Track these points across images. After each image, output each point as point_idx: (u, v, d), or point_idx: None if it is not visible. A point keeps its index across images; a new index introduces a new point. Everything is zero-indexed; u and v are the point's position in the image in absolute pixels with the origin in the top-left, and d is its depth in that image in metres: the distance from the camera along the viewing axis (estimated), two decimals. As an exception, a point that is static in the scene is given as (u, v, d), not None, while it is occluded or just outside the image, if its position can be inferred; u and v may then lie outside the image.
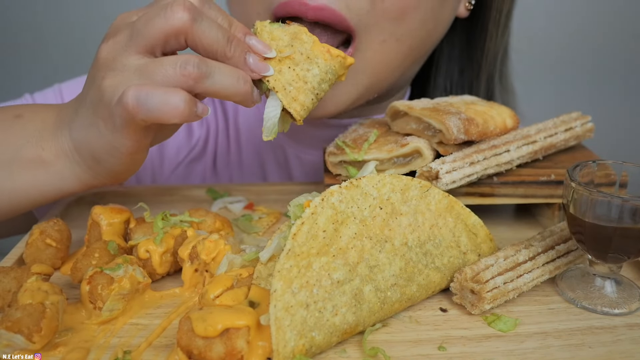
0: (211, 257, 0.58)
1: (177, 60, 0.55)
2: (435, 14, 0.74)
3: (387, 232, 0.54)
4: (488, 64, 0.89)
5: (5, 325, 0.48)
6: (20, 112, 0.67)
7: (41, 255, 0.62)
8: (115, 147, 0.59)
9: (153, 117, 0.54)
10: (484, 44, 0.87)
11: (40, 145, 0.63)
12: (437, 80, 0.93)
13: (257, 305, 0.52)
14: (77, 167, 0.64)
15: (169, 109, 0.54)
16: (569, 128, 0.75)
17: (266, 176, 0.99)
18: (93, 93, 0.59)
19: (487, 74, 0.90)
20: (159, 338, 0.53)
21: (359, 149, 0.68)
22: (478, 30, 0.87)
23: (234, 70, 0.57)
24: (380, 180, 0.54)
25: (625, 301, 0.58)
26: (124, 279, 0.55)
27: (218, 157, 0.99)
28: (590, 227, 0.55)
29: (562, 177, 0.69)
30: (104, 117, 0.58)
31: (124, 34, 0.58)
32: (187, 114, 0.55)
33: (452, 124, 0.65)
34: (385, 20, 0.70)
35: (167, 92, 0.54)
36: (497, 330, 0.54)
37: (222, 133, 0.98)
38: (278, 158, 0.97)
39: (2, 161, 0.63)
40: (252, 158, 0.99)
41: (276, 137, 0.64)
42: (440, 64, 0.92)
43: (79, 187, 0.65)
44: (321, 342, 0.49)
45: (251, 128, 0.97)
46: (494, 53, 0.88)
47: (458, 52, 0.91)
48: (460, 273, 0.56)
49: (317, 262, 0.49)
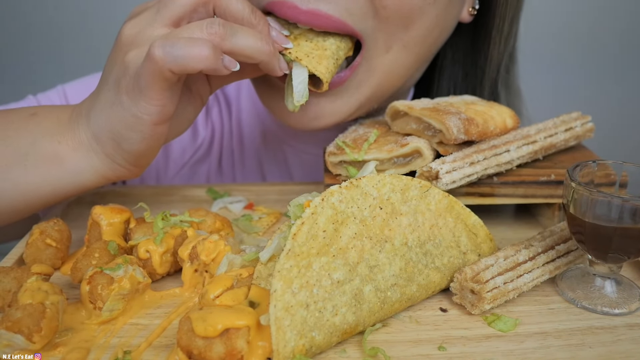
0: (211, 258, 0.58)
1: (203, 22, 0.57)
2: (440, 20, 0.72)
3: (387, 232, 0.54)
4: (492, 70, 0.87)
5: (6, 325, 0.48)
6: (35, 111, 0.67)
7: (41, 255, 0.62)
8: (138, 118, 0.59)
9: (180, 65, 0.55)
10: (488, 51, 0.85)
11: (56, 139, 0.63)
12: (440, 82, 0.91)
13: (257, 305, 0.52)
14: (95, 157, 0.64)
15: (195, 53, 0.55)
16: (569, 128, 0.75)
17: (265, 176, 0.99)
18: (117, 69, 0.60)
19: (490, 80, 0.89)
20: (159, 338, 0.53)
21: (359, 149, 0.68)
22: (482, 37, 0.85)
23: (257, 32, 0.60)
24: (380, 180, 0.54)
25: (625, 301, 0.58)
26: (124, 279, 0.55)
27: (223, 157, 0.99)
28: (590, 227, 0.55)
29: (562, 177, 0.69)
30: (128, 89, 0.59)
31: (150, 11, 0.60)
32: (213, 60, 0.56)
33: (452, 124, 0.65)
34: (391, 26, 0.68)
35: (192, 39, 0.56)
36: (497, 330, 0.54)
37: (227, 134, 0.98)
38: (278, 158, 0.97)
39: (16, 157, 0.63)
40: (252, 158, 0.99)
41: (297, 108, 0.66)
42: (444, 68, 0.90)
43: (95, 180, 0.65)
44: (321, 342, 0.49)
45: (252, 127, 0.97)
46: (498, 60, 0.87)
47: (462, 55, 0.89)
48: (460, 273, 0.56)
49: (317, 262, 0.49)
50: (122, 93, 0.59)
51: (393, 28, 0.68)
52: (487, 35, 0.84)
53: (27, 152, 0.63)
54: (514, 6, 0.84)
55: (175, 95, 0.61)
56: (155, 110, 0.59)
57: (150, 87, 0.57)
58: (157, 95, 0.58)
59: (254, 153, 0.98)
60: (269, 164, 0.98)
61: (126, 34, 0.60)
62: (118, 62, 0.60)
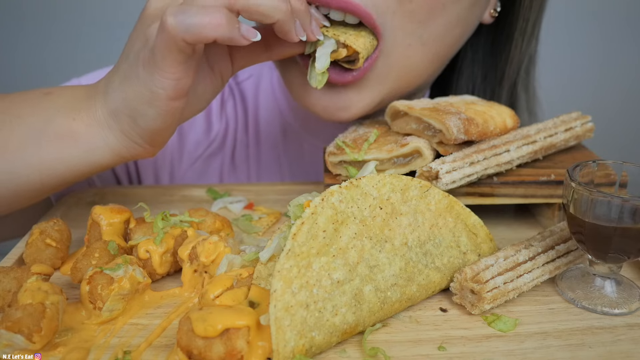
0: (210, 260, 0.58)
1: None
2: (462, 19, 0.72)
3: (387, 232, 0.54)
4: (512, 72, 0.87)
5: (6, 325, 0.48)
6: (50, 90, 0.66)
7: (41, 255, 0.62)
8: (154, 93, 0.58)
9: (193, 33, 0.54)
10: (509, 52, 0.85)
11: (70, 116, 0.62)
12: (459, 83, 0.91)
13: (257, 305, 0.52)
14: (111, 134, 0.63)
15: (209, 20, 0.53)
16: (569, 128, 0.75)
17: (283, 173, 0.99)
18: (139, 43, 0.59)
19: (510, 82, 0.89)
20: (159, 338, 0.53)
21: (359, 149, 0.68)
22: (503, 38, 0.85)
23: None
24: (380, 180, 0.54)
25: (625, 301, 0.58)
26: (124, 279, 0.55)
27: (237, 151, 0.98)
28: (590, 227, 0.55)
29: (562, 177, 0.69)
30: (145, 60, 0.58)
31: None
32: (227, 28, 0.54)
33: (452, 124, 0.65)
34: (411, 22, 0.68)
35: (205, 7, 0.54)
36: (497, 330, 0.54)
37: (241, 127, 0.98)
38: (297, 155, 0.97)
39: (30, 136, 0.62)
40: (270, 153, 0.98)
41: (321, 84, 0.68)
42: (463, 68, 0.90)
43: (110, 159, 0.64)
44: (321, 342, 0.49)
45: (270, 122, 0.97)
46: (519, 62, 0.87)
47: (482, 56, 0.89)
48: (460, 273, 0.56)
49: (317, 262, 0.49)
50: (139, 66, 0.58)
51: (413, 25, 0.69)
52: (509, 36, 0.84)
53: (41, 130, 0.62)
54: (538, 8, 0.84)
55: (190, 69, 0.59)
56: (170, 85, 0.58)
57: (164, 59, 0.56)
58: (171, 69, 0.57)
59: (272, 149, 0.98)
60: (287, 159, 0.98)
61: (152, 7, 0.59)
62: (140, 36, 0.59)
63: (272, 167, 0.99)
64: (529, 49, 0.87)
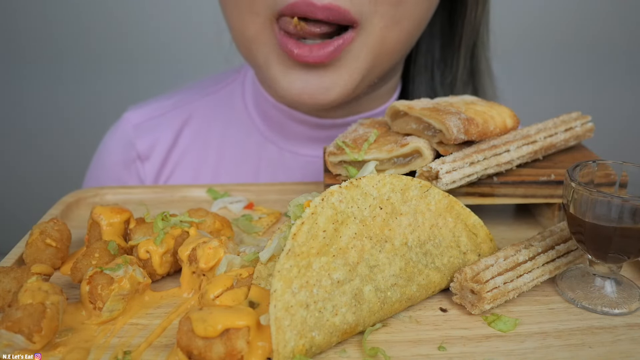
0: (209, 266, 0.58)
1: None
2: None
3: (387, 232, 0.54)
4: (467, 37, 0.92)
5: (6, 325, 0.48)
6: None
7: (41, 255, 0.62)
8: None
9: None
10: (465, 18, 0.90)
11: None
12: (417, 58, 0.96)
13: (257, 305, 0.52)
14: None
15: None
16: (569, 128, 0.75)
17: (259, 177, 0.99)
18: None
19: (466, 48, 0.93)
20: (159, 338, 0.53)
21: (359, 149, 0.68)
22: (459, 5, 0.90)
23: None
24: (380, 180, 0.54)
25: (625, 301, 0.58)
26: (124, 279, 0.55)
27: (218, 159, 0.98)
28: (590, 227, 0.55)
29: (562, 177, 0.69)
30: None
31: None
32: None
33: (452, 124, 0.65)
34: (386, 4, 0.72)
35: None
36: (497, 330, 0.54)
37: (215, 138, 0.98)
38: (274, 158, 0.96)
39: None
40: (247, 159, 0.98)
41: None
42: (421, 43, 0.95)
43: None
44: (321, 342, 0.49)
45: (247, 127, 0.97)
46: (474, 26, 0.92)
47: (439, 28, 0.94)
48: (460, 273, 0.56)
49: (317, 262, 0.49)
50: None
51: (387, 6, 0.73)
52: (463, 3, 0.90)
53: None
54: None
55: None
56: None
57: None
58: None
59: (249, 154, 0.97)
60: (264, 163, 0.97)
61: None
62: None
63: (249, 173, 0.98)
64: (484, 14, 0.92)
